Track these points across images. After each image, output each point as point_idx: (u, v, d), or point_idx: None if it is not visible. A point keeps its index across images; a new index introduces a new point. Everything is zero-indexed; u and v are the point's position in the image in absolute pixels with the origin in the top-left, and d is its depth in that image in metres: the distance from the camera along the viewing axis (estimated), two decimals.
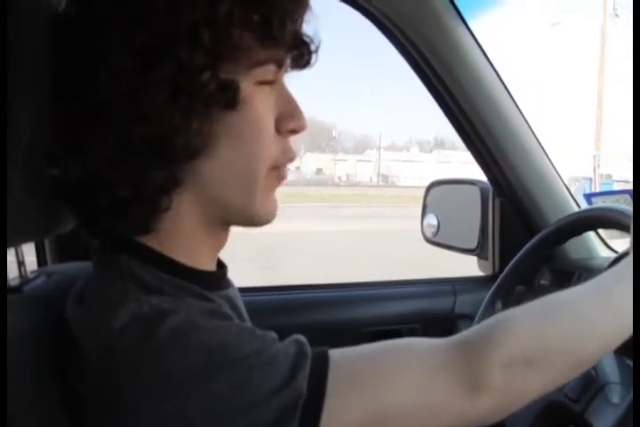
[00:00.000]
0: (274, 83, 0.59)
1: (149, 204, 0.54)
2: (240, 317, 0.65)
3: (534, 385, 0.53)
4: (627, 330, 0.57)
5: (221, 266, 0.66)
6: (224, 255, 0.67)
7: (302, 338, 0.52)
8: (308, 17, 0.58)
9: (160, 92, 0.51)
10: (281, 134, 0.60)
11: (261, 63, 0.56)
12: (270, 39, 0.55)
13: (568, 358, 0.54)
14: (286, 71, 0.61)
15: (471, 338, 0.53)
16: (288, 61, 0.59)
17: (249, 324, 0.65)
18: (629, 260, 0.63)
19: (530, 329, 0.54)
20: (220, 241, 0.63)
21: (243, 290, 0.71)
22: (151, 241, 0.57)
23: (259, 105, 0.57)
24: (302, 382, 0.47)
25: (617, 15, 20.64)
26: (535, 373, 0.52)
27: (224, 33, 0.52)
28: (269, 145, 0.58)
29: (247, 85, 0.55)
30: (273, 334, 0.51)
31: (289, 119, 0.60)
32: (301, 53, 0.60)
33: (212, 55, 0.52)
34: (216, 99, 0.53)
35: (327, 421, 0.47)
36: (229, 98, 0.54)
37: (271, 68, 0.57)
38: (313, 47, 0.60)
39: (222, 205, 0.59)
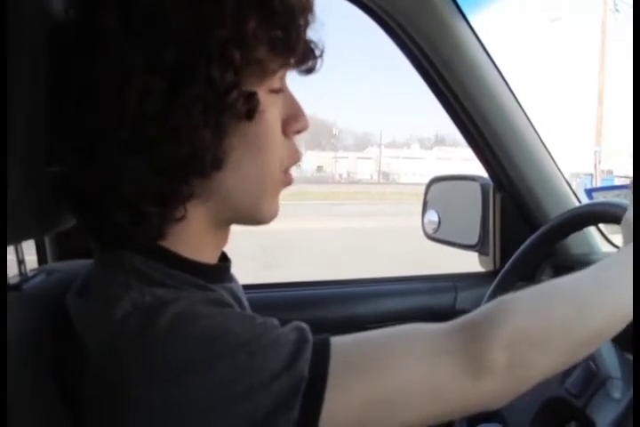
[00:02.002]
0: (281, 91, 0.59)
1: (168, 215, 0.55)
2: (242, 309, 0.65)
3: (537, 366, 0.53)
4: (626, 311, 0.58)
5: (225, 260, 0.67)
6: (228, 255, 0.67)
7: (303, 324, 0.52)
8: (313, 23, 0.59)
9: (191, 112, 0.51)
10: (287, 136, 0.61)
11: (274, 72, 0.57)
12: (288, 51, 0.56)
13: (569, 337, 0.55)
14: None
15: (473, 320, 0.53)
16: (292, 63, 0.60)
17: (250, 312, 0.65)
18: (627, 248, 0.63)
19: (531, 310, 0.54)
20: (224, 239, 0.64)
21: (245, 287, 0.71)
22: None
23: (271, 112, 0.57)
24: (304, 366, 0.47)
25: (617, 10, 20.59)
26: (537, 353, 0.52)
27: (251, 50, 0.53)
28: (279, 149, 0.59)
29: (261, 94, 0.56)
30: (274, 321, 0.51)
31: (294, 121, 0.61)
32: (307, 59, 0.60)
33: (239, 72, 0.53)
34: (240, 113, 0.54)
35: (330, 405, 0.47)
36: (250, 110, 0.54)
37: (281, 74, 0.58)
38: (318, 52, 0.60)
39: (232, 209, 0.59)
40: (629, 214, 0.71)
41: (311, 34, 0.59)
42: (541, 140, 1.31)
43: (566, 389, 0.92)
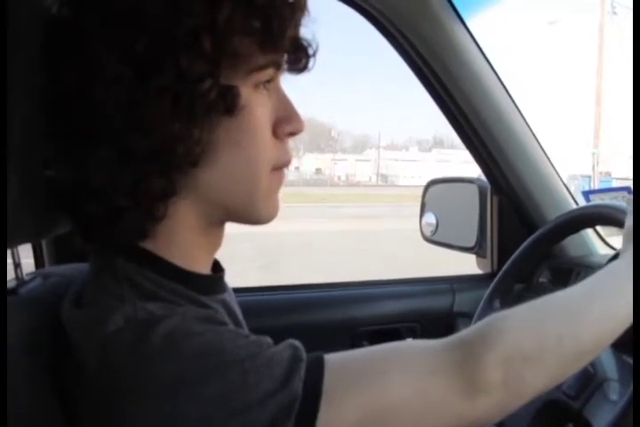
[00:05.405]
0: (270, 83, 0.58)
1: (145, 212, 0.54)
2: (236, 321, 0.64)
3: (532, 383, 0.53)
4: (621, 326, 0.58)
5: (219, 269, 0.66)
6: (225, 256, 0.67)
7: (297, 343, 0.51)
8: (305, 21, 0.58)
9: (160, 102, 0.50)
10: (278, 138, 0.59)
11: (261, 68, 0.55)
12: (270, 44, 0.54)
13: (564, 354, 0.54)
14: (282, 73, 0.60)
15: (467, 338, 0.53)
16: (284, 64, 0.59)
17: (245, 328, 0.65)
18: (626, 257, 0.63)
19: (525, 327, 0.54)
20: (217, 241, 0.63)
21: (240, 290, 0.71)
22: (147, 244, 0.57)
23: (256, 109, 0.56)
24: (297, 384, 0.47)
25: (615, 13, 20.65)
26: (532, 370, 0.52)
27: (224, 39, 0.51)
28: (267, 149, 0.58)
29: (246, 90, 0.55)
30: (268, 339, 0.51)
31: (286, 123, 0.59)
32: (299, 57, 0.59)
33: (212, 62, 0.51)
34: (216, 106, 0.53)
35: (323, 423, 0.47)
36: (229, 104, 0.53)
37: (269, 71, 0.57)
38: (311, 51, 0.59)
39: (222, 208, 0.58)
40: (629, 222, 0.71)
41: (304, 32, 0.58)
42: (539, 143, 1.31)
43: (563, 391, 0.92)
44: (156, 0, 0.51)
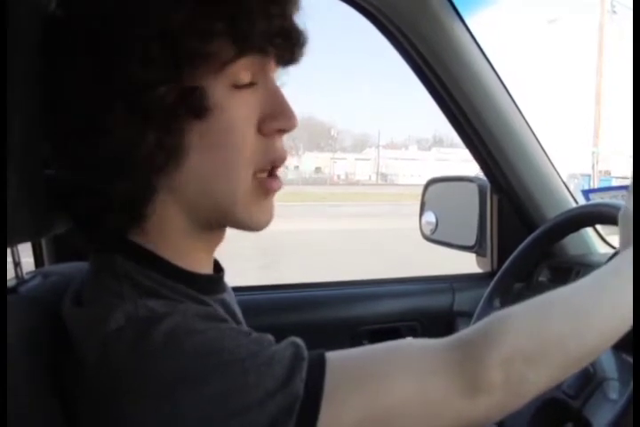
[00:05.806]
0: (253, 86, 0.56)
1: (121, 213, 0.55)
2: (235, 321, 0.64)
3: (534, 383, 0.52)
4: (625, 324, 0.57)
5: (219, 269, 0.66)
6: (225, 255, 0.67)
7: (299, 340, 0.51)
8: (290, 11, 0.56)
9: (113, 108, 0.51)
10: (265, 135, 0.57)
11: (228, 64, 0.53)
12: (240, 41, 0.53)
13: (566, 354, 0.54)
14: (276, 69, 0.59)
15: (468, 338, 0.53)
16: (273, 59, 0.57)
17: (245, 327, 0.65)
18: (626, 254, 0.63)
19: (527, 327, 0.53)
20: (215, 241, 0.63)
21: (240, 289, 0.71)
22: (147, 243, 0.57)
23: (232, 109, 0.54)
24: (299, 384, 0.47)
25: (614, 12, 20.66)
26: (534, 370, 0.52)
27: (183, 43, 0.51)
28: (247, 150, 0.56)
29: (220, 90, 0.54)
30: (269, 337, 0.51)
31: (274, 119, 0.57)
32: (284, 50, 0.57)
33: (167, 67, 0.51)
34: (178, 109, 0.52)
35: (324, 423, 0.47)
36: (196, 107, 0.52)
37: (247, 68, 0.55)
38: (299, 43, 0.57)
39: (204, 211, 0.57)
40: (624, 213, 0.70)
41: (291, 24, 0.56)
42: (539, 142, 1.31)
43: (563, 390, 0.92)
44: (118, 4, 0.51)
